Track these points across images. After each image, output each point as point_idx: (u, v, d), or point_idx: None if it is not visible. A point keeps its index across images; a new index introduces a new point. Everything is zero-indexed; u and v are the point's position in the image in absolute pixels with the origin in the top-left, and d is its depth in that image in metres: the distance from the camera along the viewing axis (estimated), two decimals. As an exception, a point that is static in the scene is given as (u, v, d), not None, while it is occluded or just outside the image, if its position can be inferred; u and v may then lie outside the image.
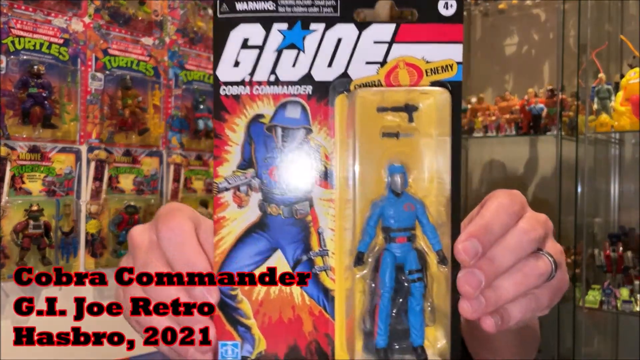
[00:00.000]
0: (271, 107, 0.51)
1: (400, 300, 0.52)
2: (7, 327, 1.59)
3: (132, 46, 1.89)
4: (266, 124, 0.51)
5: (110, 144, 1.82)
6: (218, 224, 0.51)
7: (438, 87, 0.51)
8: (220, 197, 0.51)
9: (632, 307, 2.11)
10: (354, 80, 0.51)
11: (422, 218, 0.52)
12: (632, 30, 2.29)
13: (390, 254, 0.51)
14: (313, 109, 0.51)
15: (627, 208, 2.45)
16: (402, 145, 0.51)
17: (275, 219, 0.51)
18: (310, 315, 0.51)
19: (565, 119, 2.30)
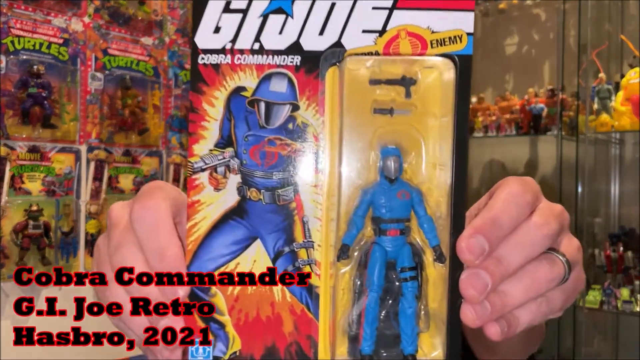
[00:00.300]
0: (254, 79, 0.45)
1: (390, 302, 0.46)
2: (7, 327, 1.59)
3: (132, 46, 1.89)
4: (248, 97, 0.45)
5: (109, 143, 1.82)
6: (192, 208, 0.46)
7: (445, 57, 0.45)
8: (195, 179, 0.46)
9: (632, 307, 2.10)
10: (349, 50, 0.45)
11: (418, 208, 0.45)
12: (633, 30, 2.28)
13: (380, 249, 0.45)
14: (301, 83, 0.45)
15: (628, 208, 2.44)
16: (398, 124, 0.45)
17: (255, 204, 0.46)
18: (291, 314, 0.46)
19: (565, 119, 2.30)
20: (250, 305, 0.46)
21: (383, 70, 0.45)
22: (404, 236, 0.45)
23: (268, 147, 0.45)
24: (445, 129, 0.45)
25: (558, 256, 0.46)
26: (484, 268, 0.43)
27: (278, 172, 0.45)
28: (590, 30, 2.21)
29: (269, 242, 0.46)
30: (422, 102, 0.45)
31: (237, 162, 0.45)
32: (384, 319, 0.46)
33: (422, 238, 0.46)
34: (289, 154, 0.45)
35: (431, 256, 0.46)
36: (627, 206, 2.45)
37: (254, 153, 0.45)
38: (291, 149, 0.45)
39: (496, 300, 0.44)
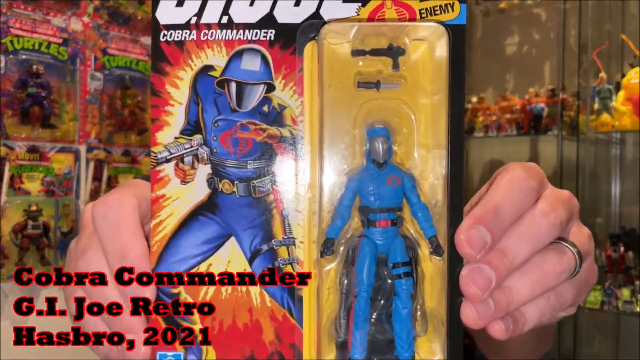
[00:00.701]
0: (223, 57, 0.40)
1: (382, 302, 0.40)
2: (7, 327, 1.58)
3: (132, 46, 1.88)
4: (217, 77, 0.40)
5: (109, 143, 1.82)
6: (156, 203, 0.40)
7: (436, 23, 0.40)
8: (158, 170, 0.40)
9: (633, 307, 2.10)
10: (328, 22, 0.40)
11: (410, 195, 0.40)
12: (633, 29, 2.28)
13: (369, 242, 0.40)
14: (276, 60, 0.40)
15: (628, 208, 2.44)
16: (385, 100, 0.40)
17: (227, 197, 0.40)
18: (272, 321, 0.41)
19: (566, 119, 2.30)
20: (225, 311, 0.41)
21: (367, 40, 0.40)
22: (395, 227, 0.40)
23: (241, 133, 0.40)
24: (439, 106, 0.40)
25: (568, 246, 0.42)
26: (487, 262, 0.38)
27: (253, 161, 0.40)
28: (591, 30, 2.20)
29: (244, 240, 0.41)
30: (412, 75, 0.40)
31: (206, 151, 0.40)
32: (375, 322, 0.40)
33: (416, 229, 0.41)
34: (265, 140, 0.40)
35: (427, 249, 0.41)
36: (627, 206, 2.44)
37: (225, 140, 0.40)
38: (267, 134, 0.40)
39: (500, 298, 0.39)
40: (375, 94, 0.40)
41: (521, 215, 0.40)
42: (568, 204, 0.43)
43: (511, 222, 0.40)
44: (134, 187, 0.44)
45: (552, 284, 0.41)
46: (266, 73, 0.40)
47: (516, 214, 0.40)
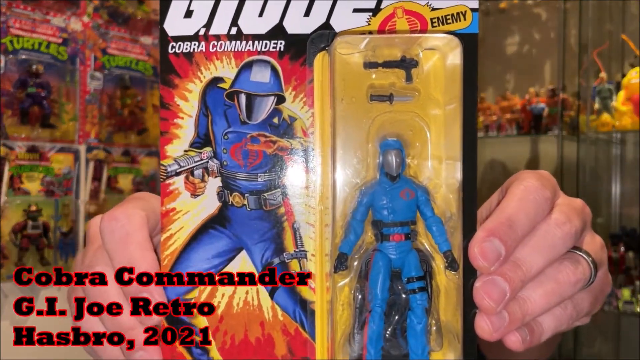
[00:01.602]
0: (233, 69, 0.40)
1: (396, 317, 0.39)
2: (7, 327, 1.58)
3: (131, 45, 1.88)
4: (226, 89, 0.40)
5: (109, 143, 1.81)
6: (166, 217, 0.40)
7: (449, 35, 0.39)
8: (168, 184, 0.40)
9: (633, 307, 2.10)
10: (339, 33, 0.39)
11: (424, 209, 0.39)
12: (634, 29, 2.28)
13: (383, 257, 0.39)
14: (286, 71, 0.40)
15: (629, 208, 2.44)
16: (398, 113, 0.39)
17: (238, 211, 0.40)
18: (284, 335, 0.40)
19: (566, 119, 2.29)
20: (237, 325, 0.40)
21: (379, 52, 0.39)
22: (409, 241, 0.39)
23: (251, 145, 0.40)
24: (452, 117, 0.39)
25: (582, 255, 0.42)
26: (501, 274, 0.38)
27: (263, 174, 0.40)
28: (591, 29, 2.20)
29: (255, 254, 0.40)
30: (425, 87, 0.39)
31: (216, 164, 0.40)
32: (389, 337, 0.40)
33: (430, 242, 0.40)
34: (275, 152, 0.40)
35: (442, 263, 0.40)
36: (628, 206, 2.44)
37: (235, 152, 0.40)
38: (277, 146, 0.40)
39: (515, 309, 0.38)
40: (388, 106, 0.39)
41: (535, 226, 0.40)
42: (582, 213, 0.43)
43: (525, 233, 0.39)
44: (141, 201, 0.44)
45: (567, 293, 0.40)
46: (276, 84, 0.39)
47: (530, 225, 0.39)
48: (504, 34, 2.78)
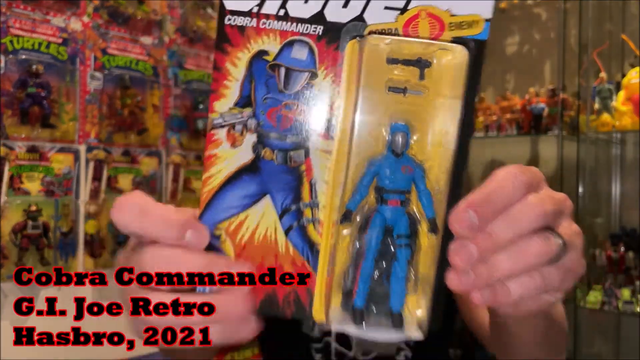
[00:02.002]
0: (277, 44, 0.47)
1: (384, 265, 0.49)
2: (7, 327, 1.58)
3: (131, 45, 1.88)
4: (270, 61, 0.47)
5: (109, 143, 1.81)
6: (209, 161, 0.48)
7: (460, 44, 0.46)
8: (213, 134, 0.48)
9: (633, 307, 2.10)
10: (369, 25, 0.46)
11: (419, 183, 0.48)
12: (634, 29, 2.28)
13: (380, 216, 0.49)
14: (321, 52, 0.46)
15: (629, 208, 2.44)
16: (409, 104, 0.48)
17: (268, 163, 0.48)
18: (293, 266, 0.49)
19: (566, 119, 2.29)
20: (255, 254, 0.49)
21: (401, 49, 0.47)
22: (403, 207, 0.49)
23: (285, 111, 0.47)
24: (454, 111, 0.47)
25: (552, 235, 0.47)
26: (473, 240, 0.45)
27: (292, 135, 0.48)
28: (591, 29, 2.20)
29: (277, 199, 0.49)
30: (435, 83, 0.47)
31: (254, 122, 0.48)
32: (377, 278, 0.49)
33: (419, 210, 0.49)
34: (304, 118, 0.48)
35: (426, 227, 0.49)
36: (628, 206, 2.44)
37: (271, 115, 0.47)
38: (306, 114, 0.48)
39: (482, 270, 0.46)
40: (402, 98, 0.48)
41: (511, 204, 0.46)
42: (559, 202, 0.49)
43: (500, 209, 0.46)
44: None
45: (532, 262, 0.46)
46: (311, 62, 0.47)
47: (506, 202, 0.46)
48: (504, 34, 2.79)
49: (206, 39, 2.12)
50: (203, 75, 2.11)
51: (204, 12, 2.11)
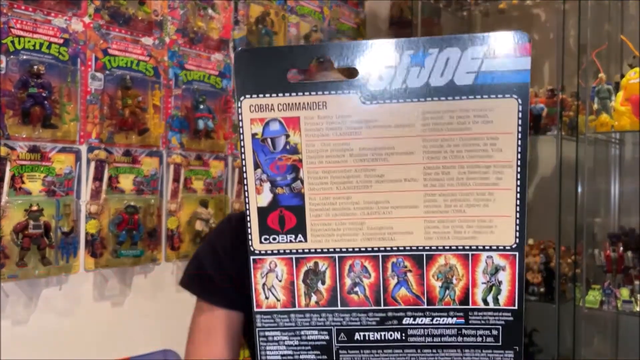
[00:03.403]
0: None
1: None
2: (7, 327, 1.59)
3: (132, 46, 1.89)
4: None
5: (110, 144, 1.82)
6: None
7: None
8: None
9: (632, 307, 2.10)
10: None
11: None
12: (632, 30, 2.28)
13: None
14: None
15: (627, 208, 2.44)
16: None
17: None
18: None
19: (565, 119, 2.30)
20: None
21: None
22: None
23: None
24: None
25: None
26: None
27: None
28: (590, 30, 2.20)
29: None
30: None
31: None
32: None
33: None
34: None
35: None
36: (627, 206, 2.45)
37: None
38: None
39: None
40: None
41: None
42: None
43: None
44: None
45: None
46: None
47: None
48: (503, 34, 2.78)
49: (207, 40, 2.13)
50: (203, 75, 2.11)
51: (204, 13, 2.12)
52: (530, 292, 2.31)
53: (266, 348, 0.66)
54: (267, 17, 2.37)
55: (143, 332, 1.92)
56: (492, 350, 0.63)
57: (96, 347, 1.78)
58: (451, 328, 0.63)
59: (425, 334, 0.64)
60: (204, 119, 2.07)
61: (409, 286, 0.63)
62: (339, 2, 2.75)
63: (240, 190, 2.23)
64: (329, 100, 0.62)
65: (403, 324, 0.63)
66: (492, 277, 0.62)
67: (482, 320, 0.63)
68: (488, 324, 0.63)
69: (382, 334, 0.64)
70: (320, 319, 0.65)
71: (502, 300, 0.62)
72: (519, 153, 0.61)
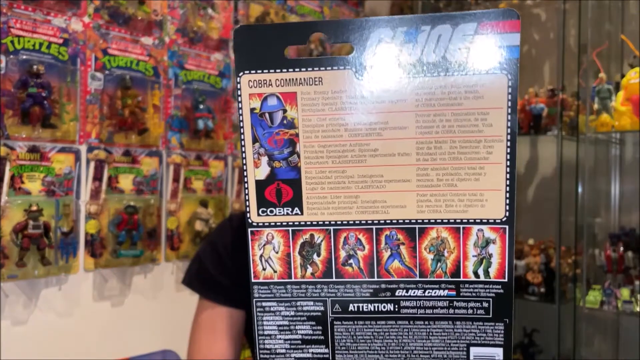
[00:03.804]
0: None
1: None
2: (6, 327, 1.59)
3: (132, 46, 1.89)
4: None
5: (109, 143, 1.82)
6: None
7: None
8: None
9: (632, 307, 2.10)
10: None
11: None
12: (633, 29, 2.28)
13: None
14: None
15: (628, 208, 2.44)
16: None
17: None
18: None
19: (565, 119, 2.29)
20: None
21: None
22: None
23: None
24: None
25: None
26: None
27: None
28: (591, 30, 2.20)
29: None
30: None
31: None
32: None
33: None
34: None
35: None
36: (627, 206, 2.44)
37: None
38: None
39: None
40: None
41: None
42: None
43: None
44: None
45: None
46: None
47: None
48: (503, 34, 2.78)
49: (206, 40, 2.13)
50: (203, 75, 2.11)
51: (204, 13, 2.11)
52: (531, 292, 2.31)
53: (263, 318, 0.68)
54: (267, 17, 2.36)
55: (143, 332, 1.92)
56: (483, 323, 0.65)
57: (96, 347, 1.78)
58: (443, 300, 0.65)
59: (418, 306, 0.65)
60: (203, 119, 2.07)
61: (401, 259, 0.65)
62: (339, 2, 2.74)
63: (240, 190, 2.23)
64: (325, 75, 0.63)
65: (396, 296, 0.65)
66: (482, 250, 0.63)
67: (472, 293, 0.64)
68: (479, 297, 0.64)
69: (376, 305, 0.66)
70: (316, 290, 0.67)
71: (493, 272, 0.63)
72: (508, 128, 0.61)
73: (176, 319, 1.89)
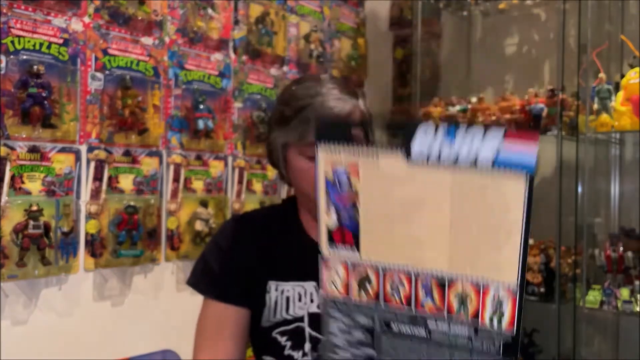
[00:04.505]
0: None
1: None
2: (6, 327, 1.59)
3: (132, 46, 1.89)
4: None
5: (109, 144, 1.82)
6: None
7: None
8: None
9: (632, 307, 2.10)
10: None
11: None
12: (633, 30, 2.28)
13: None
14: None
15: (628, 208, 2.44)
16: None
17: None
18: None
19: (565, 119, 2.29)
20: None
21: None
22: None
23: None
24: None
25: None
26: None
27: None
28: (591, 30, 2.20)
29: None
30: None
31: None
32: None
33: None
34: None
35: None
36: (627, 206, 2.44)
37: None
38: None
39: None
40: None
41: None
42: None
43: None
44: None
45: None
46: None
47: None
48: (503, 34, 2.79)
49: (206, 40, 2.13)
50: (203, 75, 2.11)
51: (204, 13, 2.12)
52: (531, 292, 2.31)
53: (329, 322, 0.89)
54: (267, 17, 2.37)
55: (143, 332, 1.92)
56: (495, 358, 0.79)
57: (96, 347, 1.78)
58: (464, 337, 0.80)
59: (445, 336, 0.81)
60: (203, 119, 2.07)
61: (433, 300, 0.81)
62: (339, 2, 2.74)
63: (240, 190, 2.23)
64: (381, 157, 0.82)
65: (428, 326, 0.82)
66: (497, 306, 0.77)
67: (487, 336, 0.79)
68: (492, 339, 0.78)
69: (412, 328, 0.83)
70: (368, 310, 0.86)
71: (504, 325, 0.77)
72: (524, 214, 0.73)
73: (176, 319, 1.89)
